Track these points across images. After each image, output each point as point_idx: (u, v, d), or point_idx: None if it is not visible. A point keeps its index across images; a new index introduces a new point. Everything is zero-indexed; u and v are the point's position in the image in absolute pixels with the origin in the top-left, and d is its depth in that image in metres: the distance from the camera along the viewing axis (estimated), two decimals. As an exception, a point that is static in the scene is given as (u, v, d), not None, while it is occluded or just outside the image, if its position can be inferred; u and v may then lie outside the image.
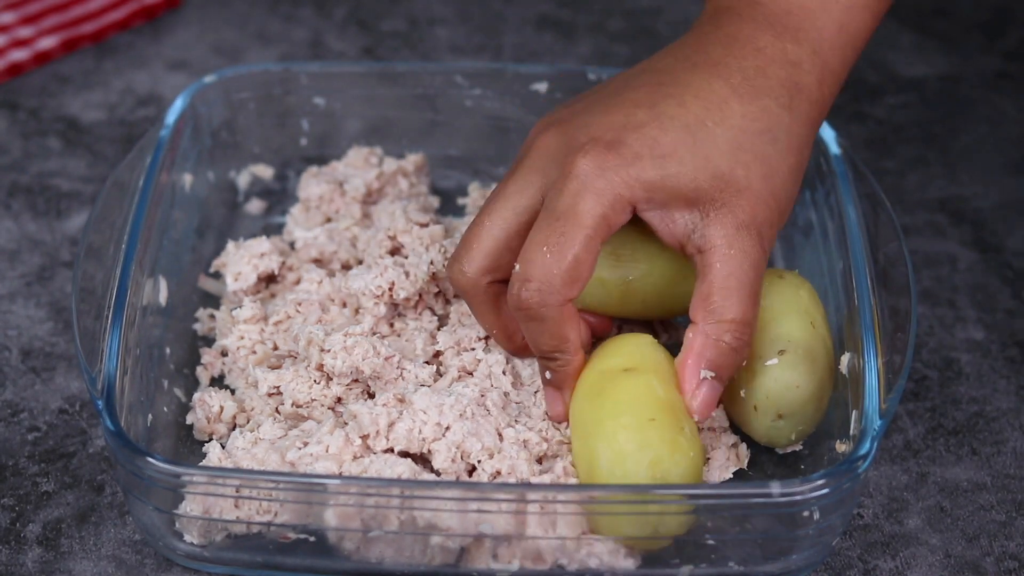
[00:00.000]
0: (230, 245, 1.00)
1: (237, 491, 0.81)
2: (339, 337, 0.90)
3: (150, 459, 0.81)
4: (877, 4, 0.90)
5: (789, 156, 0.87)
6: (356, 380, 0.91)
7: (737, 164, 0.85)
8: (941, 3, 1.31)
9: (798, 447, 0.91)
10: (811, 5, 0.89)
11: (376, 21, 1.29)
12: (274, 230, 1.05)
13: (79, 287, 0.90)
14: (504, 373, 0.91)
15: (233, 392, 0.94)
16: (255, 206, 1.08)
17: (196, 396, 0.92)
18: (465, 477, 0.86)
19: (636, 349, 0.88)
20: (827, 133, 0.99)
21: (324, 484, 0.82)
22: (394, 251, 0.98)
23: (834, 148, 0.98)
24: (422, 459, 0.87)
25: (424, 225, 0.99)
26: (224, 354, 0.96)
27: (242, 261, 0.99)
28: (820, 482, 0.80)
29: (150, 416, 0.91)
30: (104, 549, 0.87)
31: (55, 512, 0.89)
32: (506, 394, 0.90)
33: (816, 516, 0.82)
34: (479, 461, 0.86)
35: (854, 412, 0.86)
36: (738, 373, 0.88)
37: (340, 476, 0.84)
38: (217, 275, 1.01)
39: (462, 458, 0.86)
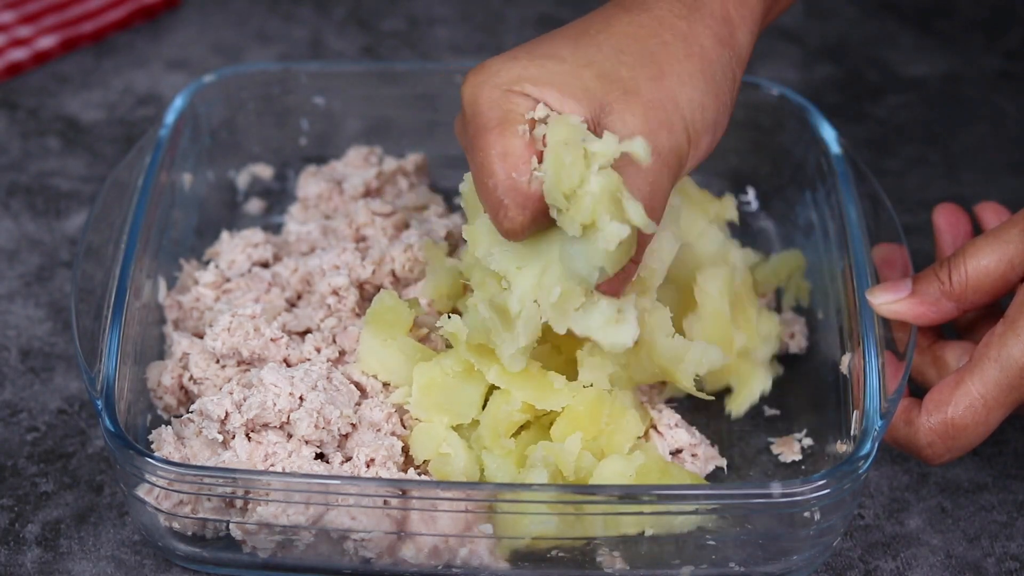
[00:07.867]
0: (224, 234, 1.00)
1: (245, 492, 0.81)
2: (225, 318, 0.90)
3: (150, 459, 0.81)
4: None
5: (686, 61, 0.83)
6: (241, 361, 0.90)
7: (620, 64, 0.83)
8: (942, 2, 1.31)
9: (804, 447, 0.91)
10: None
11: (376, 21, 1.29)
12: (274, 230, 1.05)
13: (78, 287, 0.90)
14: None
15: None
16: (254, 206, 1.08)
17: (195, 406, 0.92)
18: (334, 445, 0.86)
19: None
20: (828, 133, 0.99)
21: (334, 485, 0.82)
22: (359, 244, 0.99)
23: (835, 148, 0.98)
24: (286, 434, 0.86)
25: (388, 215, 0.99)
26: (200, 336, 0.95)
27: (236, 249, 0.99)
28: (821, 482, 0.80)
29: (149, 416, 0.91)
30: (103, 550, 0.87)
31: (54, 512, 0.89)
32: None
33: (817, 516, 0.82)
34: (344, 433, 0.86)
35: (855, 412, 0.86)
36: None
37: (340, 477, 0.84)
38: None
39: (325, 426, 0.86)
